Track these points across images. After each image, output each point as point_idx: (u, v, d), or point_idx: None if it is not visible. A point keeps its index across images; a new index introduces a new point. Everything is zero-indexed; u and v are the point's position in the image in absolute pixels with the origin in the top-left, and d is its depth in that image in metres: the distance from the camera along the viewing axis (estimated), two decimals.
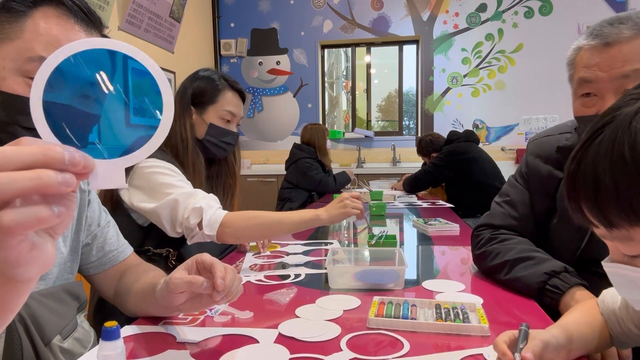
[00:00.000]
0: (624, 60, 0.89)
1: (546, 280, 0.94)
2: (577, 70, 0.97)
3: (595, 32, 0.92)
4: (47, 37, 0.69)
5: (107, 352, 0.52)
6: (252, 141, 5.17)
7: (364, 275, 1.08)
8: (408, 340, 0.77)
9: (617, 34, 0.89)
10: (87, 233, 0.93)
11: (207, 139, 1.44)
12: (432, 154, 3.51)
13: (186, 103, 1.43)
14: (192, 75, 1.49)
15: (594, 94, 0.94)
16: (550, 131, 1.16)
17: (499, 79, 4.67)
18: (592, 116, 0.94)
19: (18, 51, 0.68)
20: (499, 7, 4.63)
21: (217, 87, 1.46)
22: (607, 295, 0.76)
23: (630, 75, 0.89)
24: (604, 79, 0.91)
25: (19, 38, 0.68)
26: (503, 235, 1.12)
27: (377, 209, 2.29)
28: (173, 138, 1.40)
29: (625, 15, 0.92)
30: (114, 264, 0.98)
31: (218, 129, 1.45)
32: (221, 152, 1.49)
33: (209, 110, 1.45)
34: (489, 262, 1.10)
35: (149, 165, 1.27)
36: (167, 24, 4.03)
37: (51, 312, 0.75)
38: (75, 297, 0.84)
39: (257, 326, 0.85)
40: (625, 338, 0.72)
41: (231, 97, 1.48)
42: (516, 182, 1.18)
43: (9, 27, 0.67)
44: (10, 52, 0.68)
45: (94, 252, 0.95)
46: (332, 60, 8.69)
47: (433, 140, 3.54)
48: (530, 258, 1.01)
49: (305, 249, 1.54)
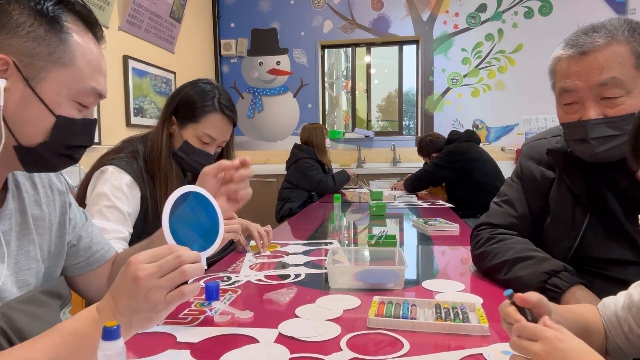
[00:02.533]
0: (600, 68, 0.91)
1: (546, 279, 0.94)
2: (558, 79, 0.99)
3: (571, 42, 0.95)
4: (93, 63, 0.74)
5: (107, 352, 0.52)
6: (252, 141, 5.17)
7: (364, 275, 1.08)
8: (408, 340, 0.77)
9: (591, 43, 0.91)
10: (73, 235, 0.92)
11: (179, 153, 1.41)
12: (432, 154, 3.50)
13: (170, 110, 1.40)
14: (192, 81, 1.44)
15: (575, 102, 0.96)
16: (543, 134, 1.17)
17: (499, 79, 4.67)
18: (576, 122, 0.96)
19: (73, 79, 0.71)
20: (499, 7, 4.63)
21: (206, 106, 1.38)
22: (608, 300, 0.77)
23: (607, 83, 0.91)
24: (583, 87, 0.93)
25: (73, 65, 0.71)
26: (502, 235, 1.12)
27: (377, 209, 2.30)
28: (152, 143, 1.39)
29: (599, 24, 0.94)
30: (101, 263, 0.98)
31: (191, 148, 1.40)
32: (192, 169, 1.44)
33: (189, 127, 1.39)
34: (488, 262, 1.11)
35: (103, 177, 1.29)
36: (168, 24, 4.03)
37: (32, 317, 0.75)
38: (56, 295, 0.84)
39: (257, 326, 0.85)
40: (623, 342, 0.71)
41: (216, 121, 1.39)
42: (512, 182, 1.20)
43: (58, 50, 0.69)
44: (66, 79, 0.70)
45: (81, 252, 0.94)
46: (332, 60, 8.70)
47: (433, 141, 3.54)
48: (530, 257, 1.01)
49: (305, 249, 1.54)
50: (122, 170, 1.31)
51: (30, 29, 0.67)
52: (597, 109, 0.93)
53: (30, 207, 0.82)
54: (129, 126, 3.54)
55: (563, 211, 1.05)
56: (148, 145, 1.40)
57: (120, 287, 0.62)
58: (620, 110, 0.91)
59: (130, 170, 1.32)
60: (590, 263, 1.00)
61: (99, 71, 0.75)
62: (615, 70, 0.90)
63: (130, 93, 3.55)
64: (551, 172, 1.09)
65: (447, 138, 3.45)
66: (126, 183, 1.30)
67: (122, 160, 1.33)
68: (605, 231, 0.98)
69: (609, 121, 0.92)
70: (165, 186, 1.37)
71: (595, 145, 0.94)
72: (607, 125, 0.92)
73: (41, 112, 0.69)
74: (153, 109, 3.84)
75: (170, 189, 1.37)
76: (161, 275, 0.61)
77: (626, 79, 0.90)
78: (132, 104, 3.58)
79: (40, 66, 0.68)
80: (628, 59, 0.90)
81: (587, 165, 1.00)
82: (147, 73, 3.78)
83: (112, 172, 1.30)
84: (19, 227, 0.78)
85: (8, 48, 0.66)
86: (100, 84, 0.75)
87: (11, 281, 0.74)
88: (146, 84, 3.78)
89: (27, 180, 0.83)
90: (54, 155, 0.74)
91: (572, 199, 1.03)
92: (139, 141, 1.43)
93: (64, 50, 0.70)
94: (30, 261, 0.79)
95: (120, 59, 3.47)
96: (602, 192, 0.99)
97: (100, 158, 1.38)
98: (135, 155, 1.37)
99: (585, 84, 0.92)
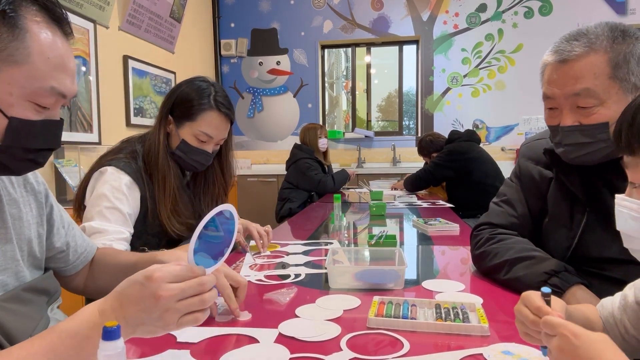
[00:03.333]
0: (574, 78, 0.92)
1: (546, 279, 0.94)
2: (543, 84, 1.01)
3: (555, 48, 0.96)
4: (55, 60, 0.67)
5: (107, 352, 0.52)
6: (252, 141, 5.17)
7: (364, 275, 1.08)
8: (408, 340, 0.77)
9: (569, 52, 0.92)
10: (58, 239, 0.91)
11: (177, 152, 1.40)
12: (432, 154, 3.51)
13: (166, 110, 1.40)
14: (187, 80, 1.43)
15: (555, 107, 0.99)
16: (541, 134, 1.18)
17: (499, 79, 4.67)
18: (554, 127, 0.99)
19: (27, 78, 0.65)
20: (499, 7, 4.63)
21: (202, 104, 1.37)
22: (606, 300, 0.77)
23: (580, 93, 0.92)
24: (560, 95, 0.95)
25: (26, 62, 0.64)
26: (501, 235, 1.12)
27: (377, 209, 2.30)
28: (150, 143, 1.39)
29: (584, 30, 0.94)
30: (84, 264, 0.99)
31: (190, 147, 1.39)
32: (191, 167, 1.44)
33: (186, 126, 1.38)
34: (488, 262, 1.11)
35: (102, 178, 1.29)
36: (168, 24, 4.03)
37: (17, 316, 0.74)
38: (42, 292, 0.82)
39: (257, 326, 0.85)
40: (620, 342, 0.71)
41: (213, 119, 1.38)
42: (511, 182, 1.20)
43: (10, 46, 0.63)
44: (19, 77, 0.64)
45: (70, 257, 0.95)
46: (332, 61, 8.70)
47: (433, 140, 3.54)
48: (530, 257, 1.01)
49: (305, 249, 1.54)
50: (121, 170, 1.31)
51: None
52: (573, 116, 0.95)
53: (9, 205, 0.79)
54: (129, 126, 3.54)
55: (561, 211, 1.05)
56: (146, 145, 1.40)
57: (133, 297, 0.62)
58: (593, 119, 0.93)
59: (130, 171, 1.32)
60: (589, 262, 1.00)
61: (62, 69, 0.68)
62: (589, 81, 0.91)
63: (130, 93, 3.55)
64: (549, 171, 1.10)
65: (447, 138, 3.45)
66: (125, 184, 1.30)
67: (121, 160, 1.33)
68: (603, 230, 0.98)
69: (583, 129, 0.94)
70: (163, 186, 1.36)
71: (568, 150, 0.98)
72: (581, 133, 0.94)
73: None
74: (153, 109, 3.84)
75: (168, 189, 1.36)
76: (182, 298, 0.61)
77: (599, 90, 0.91)
78: (132, 104, 3.58)
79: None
80: (603, 69, 0.90)
81: (584, 165, 1.00)
82: (147, 73, 3.78)
83: (111, 173, 1.30)
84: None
85: None
86: (62, 83, 0.68)
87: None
88: (146, 84, 3.78)
89: (6, 179, 0.80)
90: (11, 158, 0.68)
91: (569, 199, 1.03)
92: (138, 141, 1.43)
93: (17, 47, 0.63)
94: (8, 261, 0.77)
95: (120, 59, 3.47)
96: (599, 191, 0.99)
97: (99, 159, 1.38)
98: (134, 156, 1.37)
99: (562, 92, 0.95)
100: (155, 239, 1.37)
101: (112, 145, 1.45)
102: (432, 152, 3.52)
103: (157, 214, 1.35)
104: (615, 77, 0.90)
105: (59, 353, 0.59)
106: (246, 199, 4.54)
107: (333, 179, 3.53)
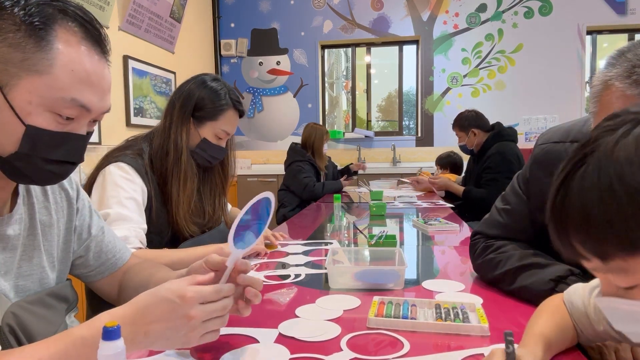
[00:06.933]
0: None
1: (553, 287, 0.91)
2: (598, 103, 0.78)
3: (636, 76, 0.71)
4: (79, 74, 0.67)
5: (107, 352, 0.52)
6: (252, 141, 5.17)
7: (364, 275, 1.08)
8: (408, 340, 0.77)
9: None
10: (79, 243, 0.91)
11: (197, 151, 1.44)
12: (472, 129, 3.19)
13: (187, 112, 1.42)
14: (199, 80, 1.45)
15: None
16: (561, 136, 1.04)
17: (499, 79, 4.67)
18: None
19: (47, 88, 0.65)
20: (499, 7, 4.63)
21: (222, 105, 1.43)
22: (574, 296, 0.75)
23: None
24: None
25: (48, 73, 0.65)
26: (498, 242, 1.09)
27: (377, 209, 2.29)
28: (166, 143, 1.39)
29: None
30: (112, 271, 0.98)
31: (210, 145, 1.44)
32: (206, 163, 1.49)
33: (207, 125, 1.43)
34: (490, 274, 1.07)
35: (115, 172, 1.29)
36: (168, 24, 4.03)
37: (40, 319, 0.75)
38: (62, 299, 0.83)
39: (257, 326, 0.85)
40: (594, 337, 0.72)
41: (231, 117, 1.46)
42: (519, 187, 1.13)
43: (34, 57, 0.64)
44: (39, 86, 0.65)
45: (91, 263, 0.94)
46: (332, 61, 8.70)
47: (479, 115, 3.23)
48: (532, 265, 0.98)
49: (305, 249, 1.54)
50: (131, 167, 1.33)
51: (9, 34, 0.63)
52: None
53: (40, 213, 0.81)
54: (129, 126, 3.54)
55: None
56: (155, 143, 1.40)
57: (162, 315, 0.63)
58: None
59: (137, 167, 1.33)
60: None
61: (87, 83, 0.68)
62: None
63: (130, 93, 3.55)
64: None
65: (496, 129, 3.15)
66: (137, 179, 1.32)
67: (128, 156, 1.35)
68: None
69: None
70: (184, 186, 1.38)
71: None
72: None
73: (11, 120, 0.65)
74: (153, 109, 3.84)
75: (189, 189, 1.39)
76: (208, 319, 0.66)
77: None
78: (132, 104, 3.58)
79: (13, 72, 0.64)
80: None
81: None
82: (147, 73, 3.78)
83: (122, 167, 1.32)
84: (27, 233, 0.78)
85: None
86: (85, 96, 0.68)
87: (9, 285, 0.74)
88: (146, 84, 3.78)
89: (38, 186, 0.82)
90: (31, 167, 0.68)
91: None
92: (143, 140, 1.44)
93: (40, 58, 0.64)
94: (33, 267, 0.78)
95: (120, 59, 3.47)
96: None
97: (105, 156, 1.38)
98: (140, 154, 1.38)
99: None
100: (157, 237, 1.37)
101: (113, 145, 1.46)
102: (473, 127, 3.20)
103: (168, 214, 1.36)
104: None
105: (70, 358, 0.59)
106: (246, 199, 4.50)
107: (323, 187, 3.43)
